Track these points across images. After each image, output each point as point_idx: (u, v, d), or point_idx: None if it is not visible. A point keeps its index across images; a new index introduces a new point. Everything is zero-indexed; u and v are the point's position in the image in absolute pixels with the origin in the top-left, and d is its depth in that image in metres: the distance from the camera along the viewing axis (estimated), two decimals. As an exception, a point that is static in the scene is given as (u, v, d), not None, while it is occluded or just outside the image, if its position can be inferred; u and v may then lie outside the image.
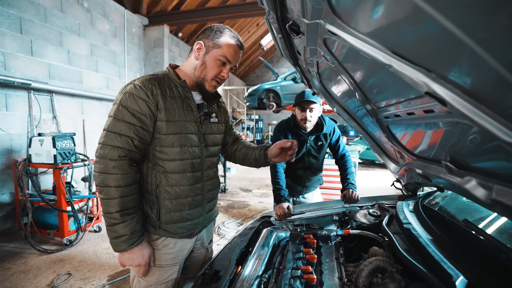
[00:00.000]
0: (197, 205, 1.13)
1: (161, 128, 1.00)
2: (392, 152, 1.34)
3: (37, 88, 3.51)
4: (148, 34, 5.93)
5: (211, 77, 1.08)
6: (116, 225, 0.95)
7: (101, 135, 0.97)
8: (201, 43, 1.06)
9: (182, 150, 1.05)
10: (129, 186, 0.97)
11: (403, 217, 1.21)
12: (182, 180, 1.06)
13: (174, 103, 1.03)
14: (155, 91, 0.99)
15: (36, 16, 3.59)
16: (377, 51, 0.57)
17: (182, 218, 1.09)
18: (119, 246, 0.96)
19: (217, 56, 1.05)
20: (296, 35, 0.83)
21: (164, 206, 1.06)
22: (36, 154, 2.94)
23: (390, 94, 0.77)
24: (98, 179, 0.94)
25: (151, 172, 1.05)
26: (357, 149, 3.74)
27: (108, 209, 0.94)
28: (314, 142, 1.98)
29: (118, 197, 0.94)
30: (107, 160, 0.93)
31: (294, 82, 6.18)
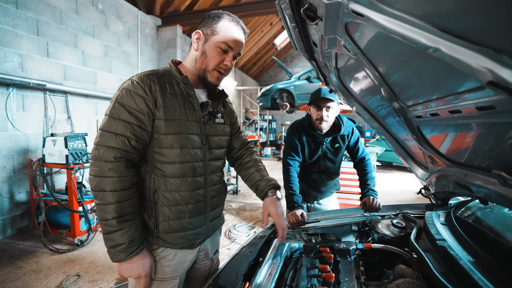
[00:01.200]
0: (198, 213, 1.04)
1: (160, 128, 0.92)
2: (421, 156, 1.19)
3: (52, 89, 3.57)
4: (161, 35, 5.96)
5: (212, 66, 0.98)
6: (113, 233, 0.87)
7: (96, 135, 0.89)
8: (199, 32, 0.98)
9: (182, 152, 0.96)
10: (127, 190, 0.88)
11: (435, 232, 1.06)
12: (182, 185, 0.97)
13: (175, 100, 0.94)
14: (153, 87, 0.91)
15: (52, 18, 3.65)
16: (419, 31, 0.45)
17: (182, 227, 0.99)
18: (117, 256, 0.88)
19: (217, 43, 0.96)
20: (312, 21, 0.71)
21: (162, 214, 0.97)
22: (49, 154, 2.97)
23: (427, 88, 0.64)
24: (93, 183, 0.87)
25: (149, 176, 0.97)
26: (375, 151, 3.53)
27: (104, 216, 0.86)
28: (330, 144, 1.84)
29: (115, 202, 0.85)
30: (102, 162, 0.85)
31: (308, 82, 6.02)
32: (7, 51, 3.16)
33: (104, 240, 0.89)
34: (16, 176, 3.31)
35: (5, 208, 3.21)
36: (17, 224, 3.34)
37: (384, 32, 0.56)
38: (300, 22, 0.81)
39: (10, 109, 3.21)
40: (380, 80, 0.82)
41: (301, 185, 1.86)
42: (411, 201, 4.87)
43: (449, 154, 0.87)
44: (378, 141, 7.91)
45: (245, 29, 1.02)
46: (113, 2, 4.67)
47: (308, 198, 1.94)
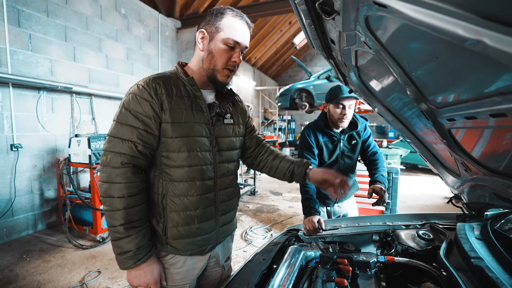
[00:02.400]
0: (208, 218, 1.00)
1: (167, 131, 0.90)
2: (451, 162, 1.07)
3: (78, 91, 3.74)
4: (181, 37, 6.06)
5: (221, 65, 0.95)
6: (120, 239, 0.86)
7: (105, 142, 0.89)
8: (203, 31, 0.94)
9: (190, 155, 0.93)
10: (134, 196, 0.87)
11: (469, 248, 0.95)
12: (190, 189, 0.94)
13: (181, 102, 0.92)
14: (159, 90, 0.89)
15: (79, 25, 3.82)
16: (455, 20, 0.37)
17: (191, 233, 0.97)
18: (125, 263, 0.87)
19: (222, 41, 0.93)
20: (328, 16, 0.65)
21: (170, 219, 0.95)
22: (74, 154, 3.11)
23: (463, 88, 0.56)
24: (102, 188, 0.86)
25: (158, 181, 0.95)
26: (399, 153, 3.33)
27: (111, 222, 0.86)
28: (347, 142, 1.78)
29: (122, 209, 0.84)
30: (110, 168, 0.84)
31: (328, 81, 5.85)
32: (38, 57, 3.35)
33: (113, 247, 0.88)
34: (46, 174, 3.50)
35: (36, 204, 3.41)
36: (46, 219, 3.53)
37: (411, 25, 0.48)
38: (316, 18, 0.75)
39: (41, 111, 3.39)
40: (406, 79, 0.74)
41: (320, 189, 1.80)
42: (439, 207, 4.56)
43: (487, 161, 0.77)
44: (402, 142, 7.52)
45: (249, 23, 0.98)
46: (135, 6, 4.81)
47: (329, 201, 1.86)
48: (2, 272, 2.48)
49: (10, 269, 2.54)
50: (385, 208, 2.66)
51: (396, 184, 2.64)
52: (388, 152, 3.22)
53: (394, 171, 2.59)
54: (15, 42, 3.11)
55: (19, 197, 3.23)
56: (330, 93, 1.70)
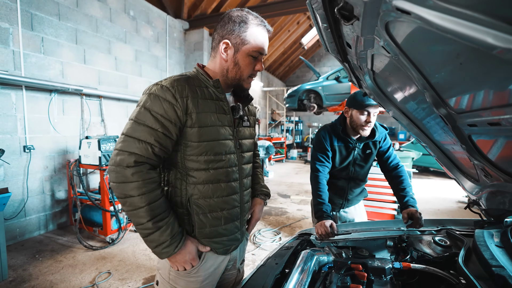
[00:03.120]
0: (234, 218, 1.03)
1: (193, 135, 0.90)
2: (470, 167, 1.06)
3: (88, 93, 3.82)
4: (189, 38, 6.12)
5: (247, 75, 0.99)
6: (152, 234, 0.87)
7: (118, 140, 0.88)
8: (228, 42, 0.94)
9: (216, 158, 0.94)
10: (154, 191, 0.87)
11: (490, 256, 0.93)
12: (216, 191, 0.96)
13: (206, 106, 0.93)
14: (184, 93, 0.88)
15: (89, 27, 3.90)
16: (485, 28, 0.37)
17: (218, 233, 0.99)
18: (164, 253, 0.89)
19: (249, 53, 0.95)
20: (347, 21, 0.65)
21: (197, 222, 0.97)
22: (84, 156, 3.17)
23: (487, 95, 0.55)
24: (117, 190, 0.85)
25: (181, 184, 0.96)
26: (411, 156, 3.27)
27: (138, 221, 0.86)
28: (362, 150, 1.75)
29: (145, 205, 0.85)
30: (123, 168, 0.83)
31: (337, 82, 5.82)
32: (50, 60, 3.43)
33: (146, 243, 0.89)
34: (56, 176, 3.58)
35: (47, 204, 3.49)
36: (57, 220, 3.61)
37: (435, 31, 0.48)
38: (333, 23, 0.75)
39: (52, 113, 3.48)
40: (425, 83, 0.74)
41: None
42: (452, 212, 4.47)
43: (510, 168, 0.75)
44: (413, 144, 7.40)
45: (270, 30, 0.99)
46: (143, 8, 4.88)
47: (334, 206, 1.85)
48: (16, 272, 2.55)
49: (24, 269, 2.60)
50: (397, 212, 2.62)
51: (408, 188, 2.60)
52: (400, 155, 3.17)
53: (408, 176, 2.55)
54: (28, 45, 3.19)
55: (32, 198, 3.31)
56: (355, 98, 1.62)
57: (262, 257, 2.85)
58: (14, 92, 3.10)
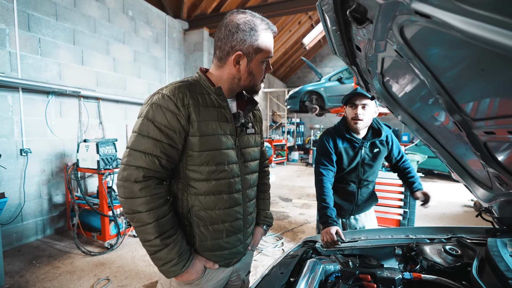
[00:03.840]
0: (236, 231, 1.01)
1: (194, 144, 0.88)
2: (483, 174, 1.03)
3: (86, 95, 3.80)
4: (188, 38, 6.12)
5: (260, 81, 1.01)
6: (160, 251, 0.86)
7: (124, 154, 0.87)
8: (240, 54, 0.91)
9: (218, 168, 0.92)
10: (162, 207, 0.87)
11: (505, 267, 0.91)
12: (218, 203, 0.94)
13: (208, 114, 0.91)
14: (186, 101, 0.87)
15: (87, 28, 3.89)
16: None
17: (219, 246, 0.97)
18: (171, 272, 0.88)
19: (261, 59, 0.95)
20: (360, 24, 0.63)
21: (198, 234, 0.95)
22: (82, 159, 3.15)
23: (510, 103, 0.53)
24: (125, 205, 0.85)
25: (182, 194, 0.94)
26: (416, 159, 3.25)
27: (145, 237, 0.85)
28: (369, 149, 1.73)
29: (153, 222, 0.84)
30: (131, 183, 0.83)
31: (340, 83, 5.80)
32: (47, 61, 3.42)
33: (153, 261, 0.88)
34: (54, 179, 3.55)
35: (44, 209, 3.46)
36: (55, 224, 3.59)
37: (455, 36, 0.46)
38: (344, 25, 0.73)
39: (49, 116, 3.46)
40: (439, 89, 0.71)
41: (335, 198, 1.76)
42: (458, 216, 4.44)
43: (529, 178, 0.73)
44: (417, 146, 7.37)
45: (275, 31, 0.99)
46: (142, 8, 4.88)
47: (344, 213, 1.81)
48: (13, 278, 2.52)
49: (21, 275, 2.57)
50: (403, 217, 2.60)
51: (414, 192, 2.58)
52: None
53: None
54: (25, 46, 3.18)
55: (28, 202, 3.29)
56: (345, 95, 1.71)
57: (264, 263, 2.82)
58: (11, 94, 3.08)
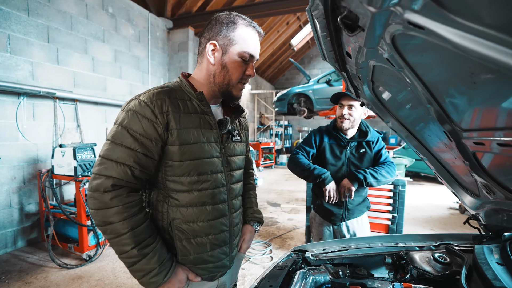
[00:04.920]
0: (221, 244, 0.98)
1: (174, 154, 0.86)
2: (471, 182, 1.06)
3: (62, 97, 3.65)
4: (173, 38, 6.03)
5: (236, 80, 0.94)
6: (138, 262, 0.82)
7: (96, 162, 0.83)
8: (215, 43, 0.90)
9: (200, 178, 0.89)
10: (137, 215, 0.83)
11: (492, 275, 0.92)
12: (200, 214, 0.91)
13: (189, 121, 0.88)
14: (165, 107, 0.84)
15: (63, 24, 3.75)
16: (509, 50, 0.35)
17: (203, 260, 0.94)
18: (152, 283, 0.84)
19: (238, 54, 0.90)
20: (351, 32, 0.62)
21: (180, 249, 0.91)
22: (58, 166, 3.02)
23: (502, 116, 0.54)
24: (96, 217, 0.81)
25: (162, 206, 0.91)
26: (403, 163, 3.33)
27: (121, 249, 0.81)
28: (355, 149, 1.79)
29: (128, 231, 0.80)
30: (101, 194, 0.79)
31: (328, 85, 5.88)
32: (18, 60, 3.26)
33: (132, 273, 0.84)
34: (26, 187, 3.38)
35: (15, 219, 3.29)
36: (27, 236, 3.41)
37: (449, 48, 0.46)
38: (334, 31, 0.73)
39: (21, 119, 3.29)
40: (430, 98, 0.72)
41: (324, 203, 1.79)
42: (444, 218, 4.58)
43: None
44: (405, 149, 7.58)
45: (261, 32, 0.96)
46: (123, 5, 4.76)
47: (334, 218, 1.81)
48: (-24, 297, 2.37)
49: (-15, 294, 2.42)
50: (391, 222, 2.65)
51: (403, 197, 2.63)
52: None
53: (401, 184, 2.58)
54: (-7, 43, 3.02)
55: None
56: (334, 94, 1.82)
57: (252, 271, 2.79)
58: (-23, 95, 2.92)
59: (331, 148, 1.80)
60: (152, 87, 0.92)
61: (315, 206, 1.90)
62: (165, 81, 5.99)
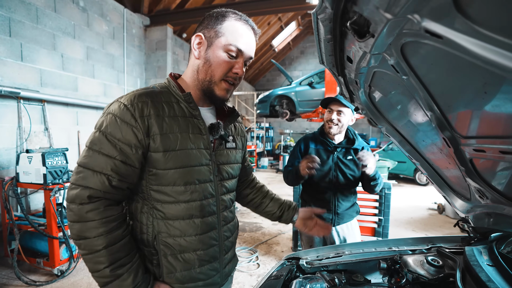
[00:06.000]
0: (211, 259, 0.93)
1: (158, 161, 0.81)
2: (463, 187, 1.11)
3: (27, 97, 3.41)
4: (150, 35, 5.86)
5: (219, 76, 0.87)
6: (111, 283, 0.77)
7: (73, 171, 0.79)
8: (201, 35, 0.86)
9: (187, 188, 0.85)
10: (115, 232, 0.78)
11: (486, 277, 0.97)
12: (188, 228, 0.86)
13: (175, 125, 0.83)
14: (146, 111, 0.79)
15: (27, 17, 3.51)
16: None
17: (192, 278, 0.89)
18: None
19: (223, 47, 0.84)
20: (361, 38, 0.62)
21: (166, 265, 0.86)
22: (24, 173, 2.81)
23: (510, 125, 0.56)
24: (73, 230, 0.76)
25: (147, 219, 0.86)
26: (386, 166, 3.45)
27: (94, 267, 0.76)
28: (343, 155, 1.84)
29: (103, 249, 0.75)
30: (77, 206, 0.75)
31: (311, 88, 5.99)
32: (-25, 55, 3.01)
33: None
34: (-16, 196, 3.11)
35: (-29, 233, 3.01)
36: (-15, 251, 3.13)
37: (463, 58, 0.48)
38: (339, 36, 0.73)
39: (-21, 120, 3.04)
40: (433, 106, 0.74)
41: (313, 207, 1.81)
42: (424, 219, 4.82)
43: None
44: (385, 152, 7.87)
45: (255, 29, 0.91)
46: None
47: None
48: None
49: None
50: (378, 225, 2.73)
51: (388, 200, 2.72)
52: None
53: (387, 187, 2.66)
54: None
55: (-51, 226, 2.83)
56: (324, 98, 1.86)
57: (239, 280, 2.76)
58: None
59: (317, 153, 1.83)
60: (128, 87, 0.87)
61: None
62: (142, 81, 5.80)
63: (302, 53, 13.43)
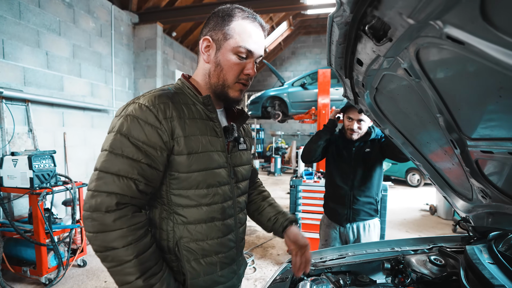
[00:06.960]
0: (230, 262, 0.95)
1: (181, 165, 0.81)
2: (465, 187, 1.16)
3: (10, 96, 3.30)
4: (139, 34, 5.79)
5: (232, 80, 0.88)
6: None
7: (91, 178, 0.76)
8: (208, 38, 0.86)
9: (209, 191, 0.86)
10: (143, 240, 0.76)
11: (489, 275, 1.02)
12: (210, 232, 0.87)
13: (196, 127, 0.84)
14: (168, 112, 0.79)
15: (9, 12, 3.41)
16: None
17: (214, 282, 0.90)
18: None
19: (232, 50, 0.84)
20: (378, 41, 0.65)
21: (189, 270, 0.86)
22: (8, 177, 2.73)
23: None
24: (95, 241, 0.73)
25: (167, 224, 0.85)
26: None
27: (124, 279, 0.74)
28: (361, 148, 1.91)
29: (133, 258, 0.73)
30: (101, 214, 0.72)
31: (303, 89, 6.05)
32: (-46, 52, 2.90)
33: None
34: (-37, 202, 3.00)
35: None
36: (-36, 260, 3.01)
37: (482, 63, 0.51)
38: (354, 39, 0.76)
39: (-42, 121, 2.93)
40: (443, 109, 0.78)
41: (329, 203, 1.96)
42: (417, 220, 4.95)
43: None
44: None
45: (264, 25, 0.91)
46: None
47: (339, 218, 1.90)
48: None
49: None
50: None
51: (385, 202, 2.79)
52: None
53: (383, 188, 2.73)
54: None
55: None
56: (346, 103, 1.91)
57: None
58: None
59: (337, 148, 1.98)
60: (116, 87, 0.86)
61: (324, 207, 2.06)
62: (131, 81, 5.72)
63: (293, 53, 13.53)
